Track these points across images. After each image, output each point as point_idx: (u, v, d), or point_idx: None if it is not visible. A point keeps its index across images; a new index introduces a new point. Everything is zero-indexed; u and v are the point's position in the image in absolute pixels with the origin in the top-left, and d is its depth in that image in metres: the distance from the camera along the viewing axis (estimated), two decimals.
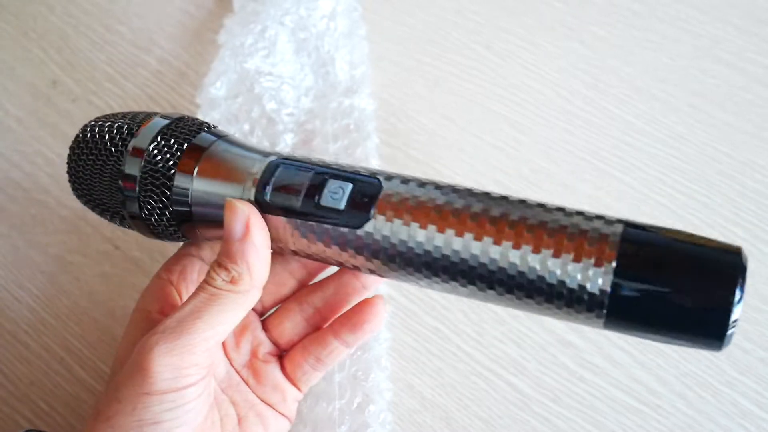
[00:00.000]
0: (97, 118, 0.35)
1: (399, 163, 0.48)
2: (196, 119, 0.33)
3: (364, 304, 0.34)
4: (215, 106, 0.47)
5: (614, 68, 0.51)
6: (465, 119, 0.49)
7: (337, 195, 0.29)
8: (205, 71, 0.49)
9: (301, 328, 0.36)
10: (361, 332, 0.34)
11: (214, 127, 0.34)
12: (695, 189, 0.46)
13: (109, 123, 0.33)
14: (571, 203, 0.28)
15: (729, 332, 0.24)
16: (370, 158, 0.46)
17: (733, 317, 0.24)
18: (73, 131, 0.50)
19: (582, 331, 0.42)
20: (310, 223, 0.29)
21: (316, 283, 0.36)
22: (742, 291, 0.24)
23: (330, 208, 0.29)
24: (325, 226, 0.29)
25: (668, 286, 0.24)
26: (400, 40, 0.53)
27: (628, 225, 0.25)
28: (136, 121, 0.33)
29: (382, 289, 0.43)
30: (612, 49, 0.52)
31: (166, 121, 0.32)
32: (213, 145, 0.32)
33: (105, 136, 0.33)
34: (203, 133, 0.32)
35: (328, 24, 0.52)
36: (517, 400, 0.40)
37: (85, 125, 0.34)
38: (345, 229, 0.29)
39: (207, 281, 0.29)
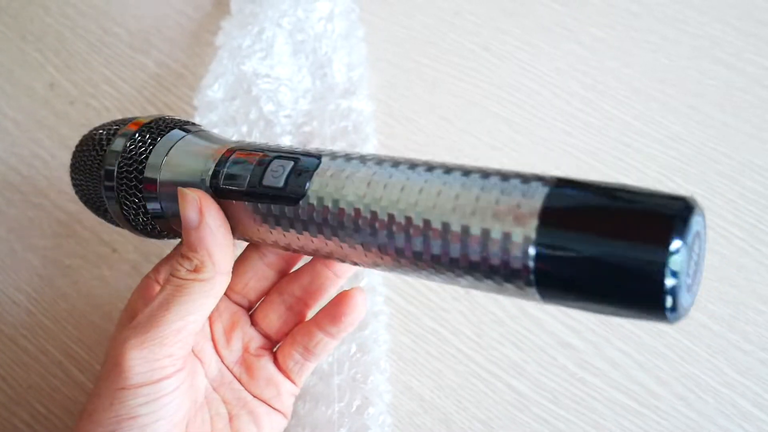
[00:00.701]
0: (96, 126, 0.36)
1: None
2: (178, 118, 0.34)
3: (342, 296, 0.33)
4: (213, 108, 0.47)
5: (612, 69, 0.51)
6: (463, 120, 0.49)
7: (278, 173, 0.29)
8: (203, 73, 0.49)
9: (286, 317, 0.36)
10: (342, 324, 0.33)
11: (194, 124, 0.34)
12: (694, 190, 0.46)
13: (108, 125, 0.34)
14: None
15: (669, 299, 0.20)
16: None
17: (669, 280, 0.20)
18: (70, 134, 0.50)
19: (581, 333, 0.42)
20: (259, 205, 0.29)
21: (293, 272, 0.36)
22: (684, 242, 0.20)
23: (271, 187, 0.29)
24: (271, 206, 0.29)
25: (596, 247, 0.21)
26: (397, 42, 0.53)
27: (558, 184, 0.23)
28: (126, 121, 0.34)
29: (381, 290, 0.42)
30: (610, 50, 0.52)
31: (148, 120, 0.33)
32: (182, 139, 0.32)
33: (96, 137, 0.34)
34: (176, 129, 0.33)
35: (326, 26, 0.51)
36: (516, 402, 0.40)
37: (85, 135, 0.35)
38: (286, 207, 0.29)
39: (172, 273, 0.30)
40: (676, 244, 0.20)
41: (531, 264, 0.22)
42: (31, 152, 0.49)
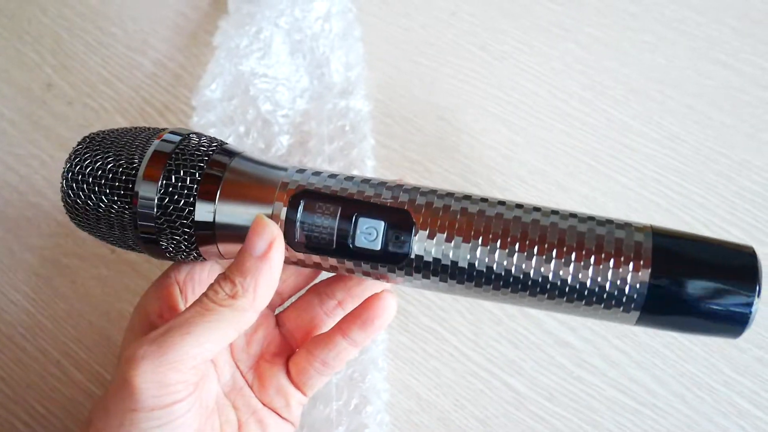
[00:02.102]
0: (78, 151, 0.31)
1: (395, 164, 0.48)
2: (197, 139, 0.31)
3: (373, 299, 0.33)
4: (210, 108, 0.47)
5: (610, 69, 0.51)
6: (461, 120, 0.49)
7: (372, 236, 0.29)
8: (200, 73, 0.49)
9: (319, 320, 0.35)
10: (371, 329, 0.33)
11: (221, 143, 0.32)
12: (692, 189, 0.46)
13: (98, 166, 0.30)
14: (568, 204, 0.28)
15: (751, 320, 0.27)
16: (365, 159, 0.46)
17: (754, 307, 0.27)
18: (68, 134, 0.50)
19: (579, 332, 0.42)
20: (344, 260, 0.29)
21: (335, 275, 0.35)
22: (760, 284, 0.27)
23: (366, 249, 0.29)
24: (363, 263, 0.29)
25: (697, 285, 0.27)
26: (395, 42, 0.53)
27: (656, 233, 0.28)
28: (129, 155, 0.30)
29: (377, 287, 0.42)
30: (608, 50, 0.52)
31: (165, 154, 0.30)
32: (230, 165, 0.30)
33: (96, 191, 0.30)
34: (214, 156, 0.30)
35: (323, 25, 0.51)
36: (513, 400, 0.40)
37: (65, 174, 0.31)
38: (384, 268, 0.29)
39: (206, 293, 0.28)
40: (756, 293, 0.27)
41: (642, 301, 0.27)
42: (29, 152, 0.49)
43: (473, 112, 0.50)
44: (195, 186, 0.30)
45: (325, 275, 0.35)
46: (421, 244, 0.28)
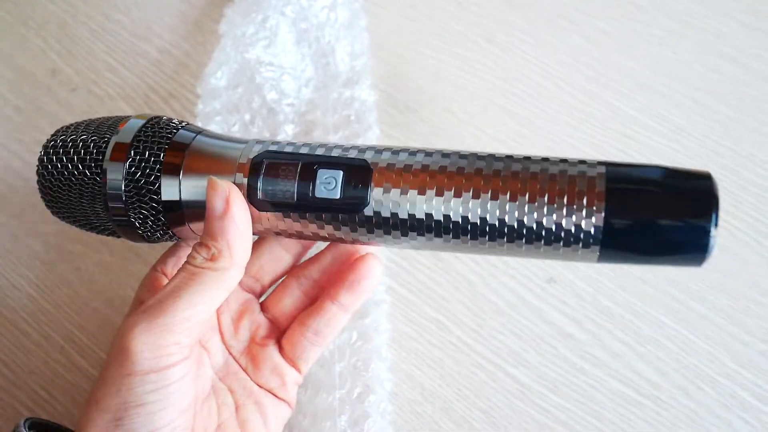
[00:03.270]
0: (57, 132, 0.33)
1: None
2: (165, 119, 0.33)
3: (358, 261, 0.33)
4: (216, 96, 0.47)
5: (617, 62, 0.51)
6: (466, 112, 0.49)
7: (331, 185, 0.29)
8: (205, 61, 0.49)
9: (300, 302, 0.36)
10: (359, 290, 0.33)
11: (185, 123, 0.33)
12: None
13: (71, 140, 0.32)
14: None
15: (710, 246, 0.26)
16: None
17: (713, 232, 0.26)
18: (72, 120, 0.49)
19: (582, 323, 0.42)
20: (307, 214, 0.30)
21: (311, 257, 0.36)
22: (717, 208, 0.26)
23: (326, 199, 0.29)
24: (324, 214, 0.30)
25: (653, 214, 0.26)
26: (400, 32, 0.53)
27: (609, 165, 0.28)
28: (101, 134, 0.32)
29: (382, 279, 0.42)
30: (614, 43, 0.52)
31: (134, 130, 0.31)
32: (192, 143, 0.31)
33: (73, 158, 0.31)
34: (179, 132, 0.32)
35: (329, 14, 0.51)
36: (516, 391, 0.40)
37: (45, 145, 0.33)
38: (344, 215, 0.29)
39: (188, 261, 0.29)
40: (715, 211, 0.26)
41: (600, 236, 0.27)
42: (33, 138, 0.49)
43: (478, 103, 0.50)
44: (159, 164, 0.31)
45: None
46: (379, 191, 0.29)
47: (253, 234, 0.31)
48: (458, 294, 0.43)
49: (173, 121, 0.33)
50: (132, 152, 0.31)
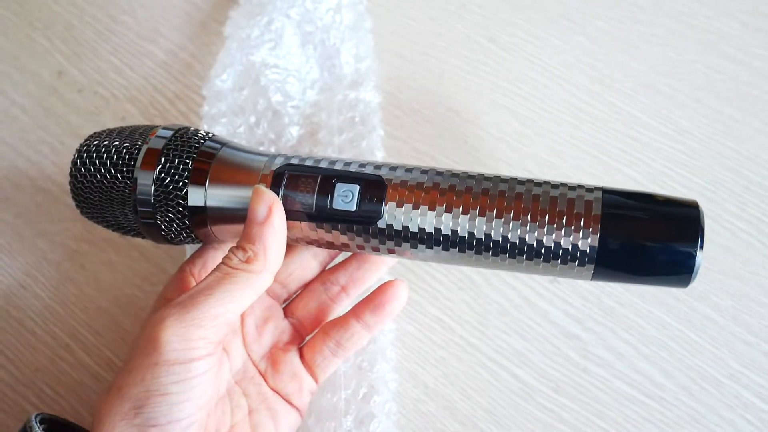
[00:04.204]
0: (90, 137, 0.35)
1: (404, 155, 0.48)
2: (192, 130, 0.34)
3: (386, 286, 0.35)
4: (221, 98, 0.47)
5: (620, 63, 0.51)
6: (470, 112, 0.49)
7: (348, 198, 0.31)
8: (211, 62, 0.49)
9: (326, 306, 0.37)
10: (383, 313, 0.35)
11: (211, 134, 0.35)
12: (700, 183, 0.46)
13: (105, 145, 0.34)
14: None
15: (696, 269, 0.29)
16: (375, 151, 0.46)
17: (699, 257, 0.28)
18: (79, 121, 0.50)
19: (585, 323, 0.42)
20: (324, 224, 0.32)
21: (338, 263, 0.37)
22: (702, 235, 0.29)
23: (342, 210, 0.31)
24: (340, 225, 0.32)
25: (644, 238, 0.29)
26: (405, 33, 0.53)
27: (605, 191, 0.30)
28: (133, 141, 0.34)
29: (385, 278, 0.42)
30: (617, 43, 0.52)
31: (165, 139, 0.33)
32: (219, 153, 0.33)
33: (106, 163, 0.33)
34: (206, 143, 0.34)
35: (334, 17, 0.52)
36: (520, 391, 0.40)
37: (79, 150, 0.35)
38: (359, 226, 0.31)
39: (223, 261, 0.31)
40: (700, 245, 0.29)
41: (595, 255, 0.29)
42: (39, 138, 0.50)
43: (482, 103, 0.50)
44: (187, 172, 0.33)
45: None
46: (392, 206, 0.31)
47: None
48: (462, 294, 0.43)
49: (201, 132, 0.35)
50: (162, 159, 0.33)
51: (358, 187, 0.31)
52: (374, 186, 0.31)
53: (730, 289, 0.42)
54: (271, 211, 0.30)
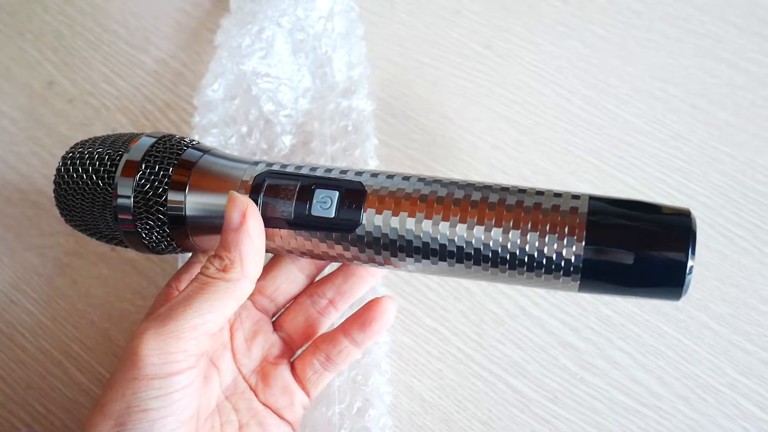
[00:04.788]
0: (75, 145, 0.35)
1: (398, 163, 0.48)
2: (176, 138, 0.34)
3: (373, 303, 0.34)
4: (213, 108, 0.47)
5: (615, 68, 0.51)
6: (464, 119, 0.49)
7: (326, 204, 0.31)
8: (202, 71, 0.49)
9: (314, 320, 0.36)
10: (369, 330, 0.34)
11: (195, 142, 0.35)
12: (696, 189, 0.46)
13: (89, 152, 0.34)
14: None
15: (687, 281, 0.27)
16: (368, 159, 0.46)
17: (689, 267, 0.27)
18: (70, 132, 0.50)
19: (582, 333, 0.41)
20: (303, 231, 0.31)
21: (324, 276, 0.37)
22: (694, 244, 0.27)
23: (321, 217, 0.31)
24: (319, 232, 0.31)
25: (632, 246, 0.27)
26: (398, 40, 0.53)
27: (594, 198, 0.29)
28: (116, 148, 0.34)
29: (380, 290, 0.42)
30: (612, 48, 0.51)
31: (146, 147, 0.33)
32: (199, 161, 0.33)
33: (88, 170, 0.33)
34: (188, 150, 0.33)
35: (326, 25, 0.51)
36: (517, 402, 0.40)
37: (64, 157, 0.35)
38: (338, 233, 0.31)
39: (201, 271, 0.30)
40: (692, 247, 0.27)
41: (580, 265, 0.28)
42: (30, 150, 0.49)
43: (477, 110, 0.49)
44: (167, 179, 0.32)
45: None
46: (371, 212, 0.30)
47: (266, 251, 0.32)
48: (458, 304, 0.43)
49: (184, 139, 0.34)
50: (143, 166, 0.32)
51: (337, 193, 0.31)
52: (353, 192, 0.30)
53: (728, 297, 0.42)
54: (245, 217, 0.30)
